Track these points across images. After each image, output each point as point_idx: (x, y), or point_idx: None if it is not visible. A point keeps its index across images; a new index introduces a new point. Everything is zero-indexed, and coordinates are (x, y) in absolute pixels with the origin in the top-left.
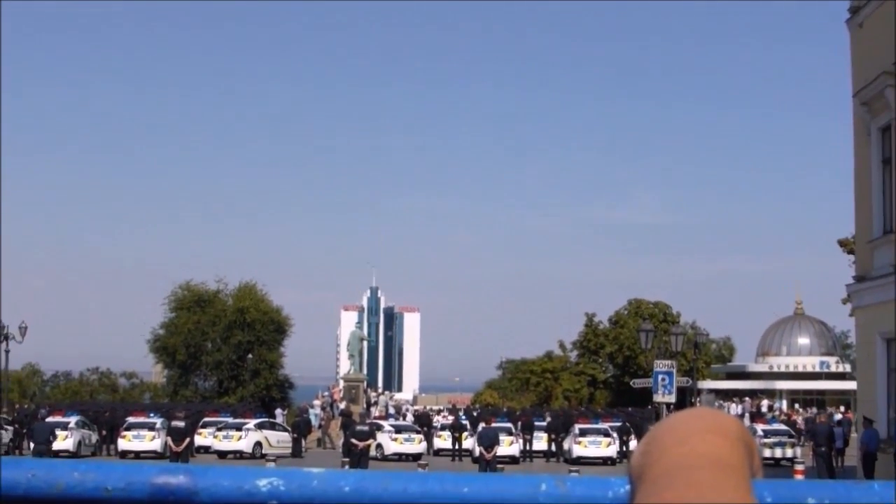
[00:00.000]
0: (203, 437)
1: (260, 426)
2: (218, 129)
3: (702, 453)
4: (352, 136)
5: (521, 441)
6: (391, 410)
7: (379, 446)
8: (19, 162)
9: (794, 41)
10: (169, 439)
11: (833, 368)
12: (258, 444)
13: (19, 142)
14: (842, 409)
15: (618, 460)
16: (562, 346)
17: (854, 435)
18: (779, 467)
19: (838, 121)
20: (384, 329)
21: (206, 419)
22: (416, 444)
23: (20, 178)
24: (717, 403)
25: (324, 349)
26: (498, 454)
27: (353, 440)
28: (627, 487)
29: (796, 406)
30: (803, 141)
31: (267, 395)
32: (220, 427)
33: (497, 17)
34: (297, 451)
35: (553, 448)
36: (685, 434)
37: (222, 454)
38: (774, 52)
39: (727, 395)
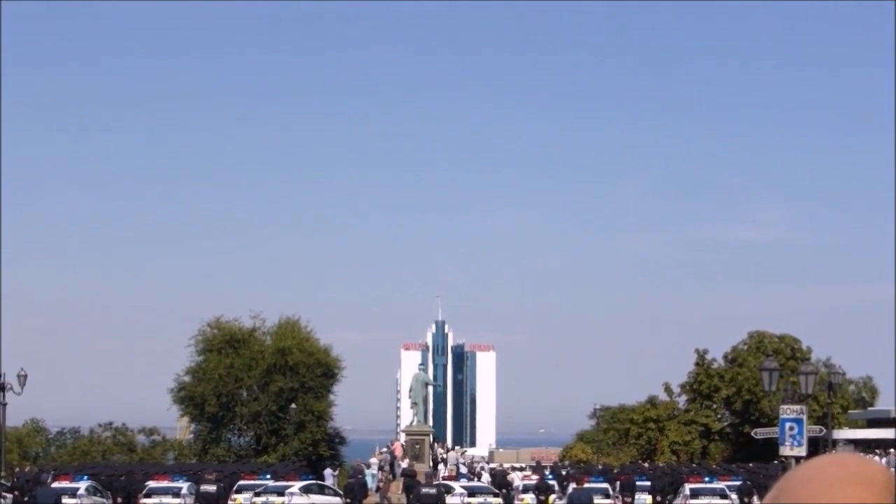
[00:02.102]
0: None
1: (306, 490)
2: (252, 149)
3: None
4: (412, 149)
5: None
6: (463, 469)
7: None
8: (18, 188)
9: None
10: None
11: None
12: None
13: (20, 168)
14: None
15: None
16: (668, 389)
17: None
18: None
19: None
20: (453, 371)
21: (242, 482)
22: None
23: (18, 204)
24: None
25: (382, 397)
26: None
27: None
28: None
29: None
30: None
31: (314, 452)
32: (259, 491)
33: (584, 21)
34: None
35: None
36: (822, 485)
37: None
38: None
39: (868, 445)
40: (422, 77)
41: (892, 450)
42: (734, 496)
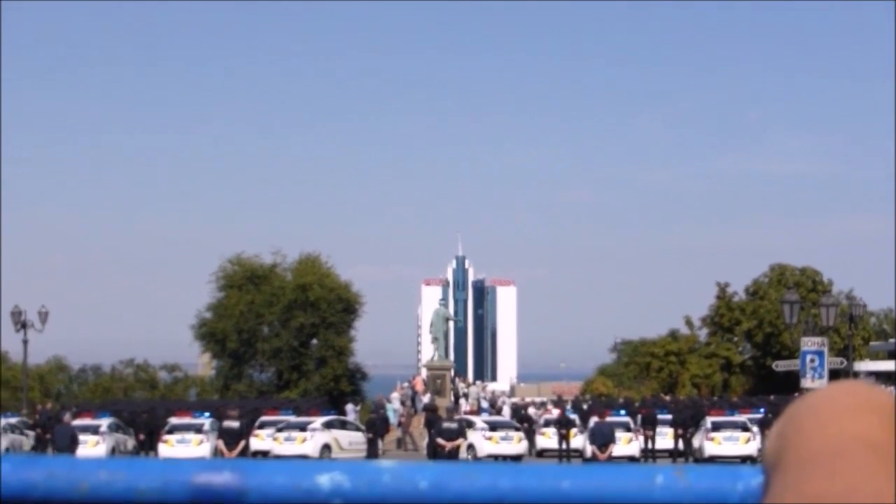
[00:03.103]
0: (260, 440)
1: (328, 425)
2: (272, 86)
3: (852, 435)
4: (433, 85)
5: (641, 438)
6: (484, 404)
7: (471, 447)
8: (39, 124)
9: None
10: (220, 443)
11: None
12: (326, 447)
13: (41, 105)
14: None
15: (759, 459)
16: (689, 323)
17: None
18: None
19: None
20: (474, 307)
21: (264, 418)
22: (516, 444)
23: (37, 141)
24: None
25: (402, 332)
26: (614, 454)
27: (440, 440)
28: (761, 479)
29: None
30: None
31: (335, 388)
32: (281, 427)
33: None
34: (372, 454)
35: (681, 446)
36: (831, 413)
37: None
38: None
39: (890, 378)
40: (441, 14)
41: None
42: (756, 429)
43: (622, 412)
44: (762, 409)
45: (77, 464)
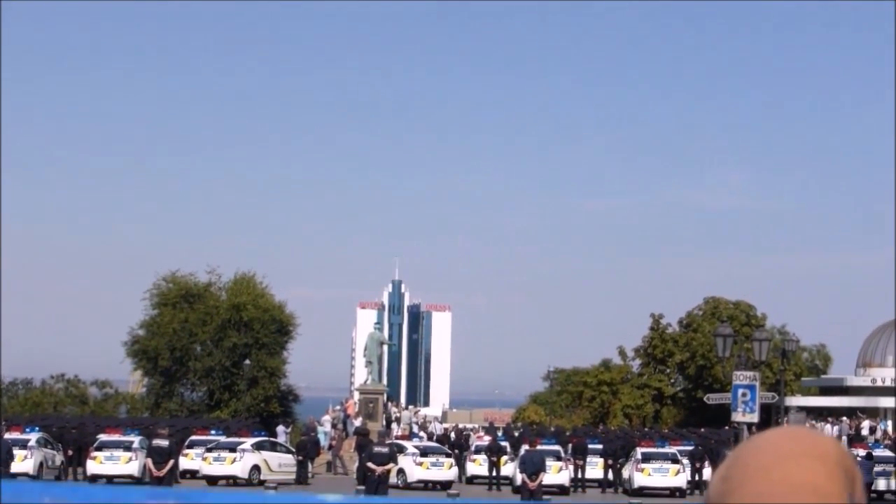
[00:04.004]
0: (189, 459)
1: (258, 446)
2: (209, 103)
3: (796, 482)
4: (372, 106)
5: (571, 467)
6: (416, 429)
7: (401, 472)
8: None
9: None
10: (149, 461)
11: None
12: (256, 468)
13: None
14: None
15: (688, 492)
16: (622, 353)
17: None
18: (883, 501)
19: None
20: (408, 331)
21: (194, 437)
22: (446, 470)
23: None
24: (807, 424)
25: (336, 355)
26: (544, 482)
27: (371, 464)
28: None
29: None
30: None
31: (266, 409)
32: (211, 447)
33: None
34: (302, 477)
35: (610, 476)
36: (775, 458)
37: (212, 480)
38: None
39: (821, 413)
40: (379, 37)
41: (843, 418)
42: (685, 461)
43: (553, 441)
44: (692, 442)
45: (23, 488)
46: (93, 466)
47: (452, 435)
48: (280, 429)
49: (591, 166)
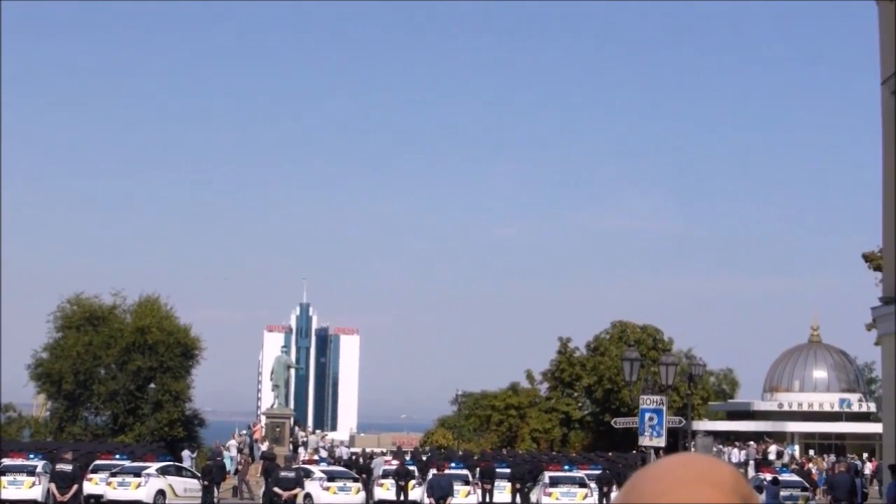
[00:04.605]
0: (94, 484)
1: (163, 471)
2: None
3: None
4: (279, 128)
5: (479, 491)
6: (323, 453)
7: (307, 496)
8: None
9: (817, 39)
10: (52, 486)
11: (855, 408)
12: (161, 493)
13: None
14: (865, 455)
15: None
16: (530, 377)
17: (878, 487)
18: None
19: (864, 117)
20: (316, 355)
21: (98, 462)
22: (353, 495)
23: None
24: (715, 448)
25: (243, 378)
26: None
27: (277, 489)
28: None
29: (811, 452)
30: (824, 138)
31: (171, 433)
32: (115, 472)
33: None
34: (207, 502)
35: (518, 500)
36: (670, 484)
37: None
38: (795, 50)
39: (728, 438)
40: (289, 56)
41: (751, 442)
42: (593, 485)
43: (461, 465)
44: (600, 466)
45: None
46: None
47: (361, 460)
48: (185, 453)
49: (499, 192)
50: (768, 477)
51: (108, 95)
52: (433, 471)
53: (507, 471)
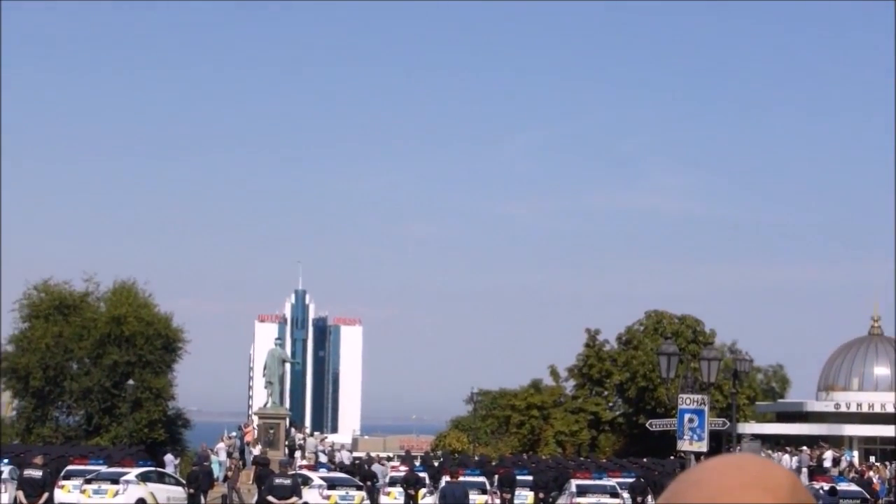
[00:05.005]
0: (66, 492)
1: (144, 477)
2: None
3: None
4: (272, 102)
5: (498, 501)
6: (322, 458)
7: None
8: None
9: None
10: (20, 494)
11: None
12: (141, 502)
13: None
14: None
15: None
16: (554, 373)
17: None
18: None
19: None
20: (314, 347)
21: (71, 467)
22: None
23: None
24: (763, 454)
25: (233, 374)
26: None
27: (271, 497)
28: None
29: (872, 459)
30: (884, 110)
31: (151, 435)
32: (90, 478)
33: None
34: None
35: None
36: (717, 489)
37: None
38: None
39: (778, 442)
40: (288, 34)
41: (804, 447)
42: (626, 494)
43: (477, 472)
44: (633, 473)
45: None
46: None
47: (365, 465)
48: (168, 458)
49: (511, 168)
50: (824, 486)
51: (85, 72)
52: (446, 478)
53: (529, 478)
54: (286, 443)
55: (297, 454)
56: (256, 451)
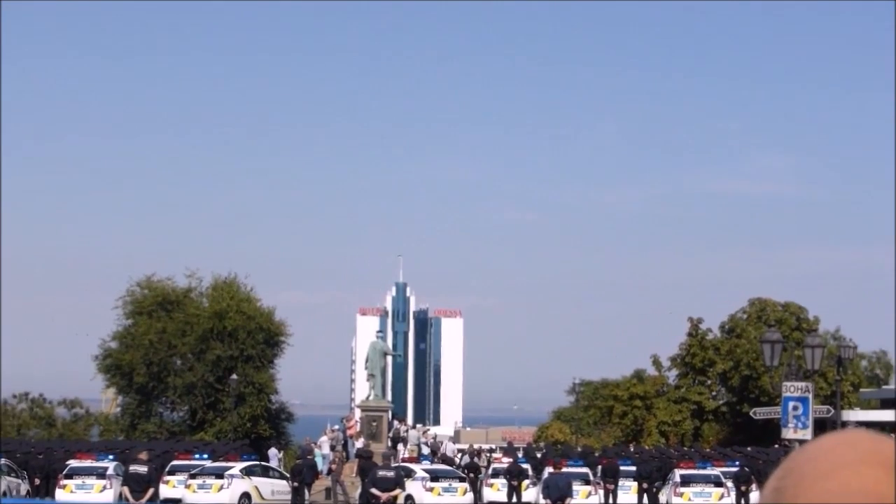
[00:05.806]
0: (171, 487)
1: (248, 472)
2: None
3: (855, 490)
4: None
5: (601, 492)
6: (425, 450)
7: (409, 498)
8: None
9: None
10: (126, 489)
11: None
12: (245, 496)
13: None
14: None
15: None
16: (656, 363)
17: None
18: None
19: None
20: (415, 340)
21: (176, 463)
22: (460, 496)
23: None
24: None
25: (334, 368)
26: None
27: (375, 490)
28: None
29: None
30: None
31: (255, 429)
32: (195, 473)
33: None
34: None
35: (645, 501)
36: (832, 465)
37: None
38: None
39: (883, 429)
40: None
41: None
42: (730, 484)
43: (580, 462)
44: (737, 462)
45: None
46: (62, 496)
47: (466, 457)
48: (272, 452)
49: (608, 153)
50: None
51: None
52: (549, 469)
53: (633, 469)
54: (389, 435)
55: (400, 446)
56: (359, 443)
